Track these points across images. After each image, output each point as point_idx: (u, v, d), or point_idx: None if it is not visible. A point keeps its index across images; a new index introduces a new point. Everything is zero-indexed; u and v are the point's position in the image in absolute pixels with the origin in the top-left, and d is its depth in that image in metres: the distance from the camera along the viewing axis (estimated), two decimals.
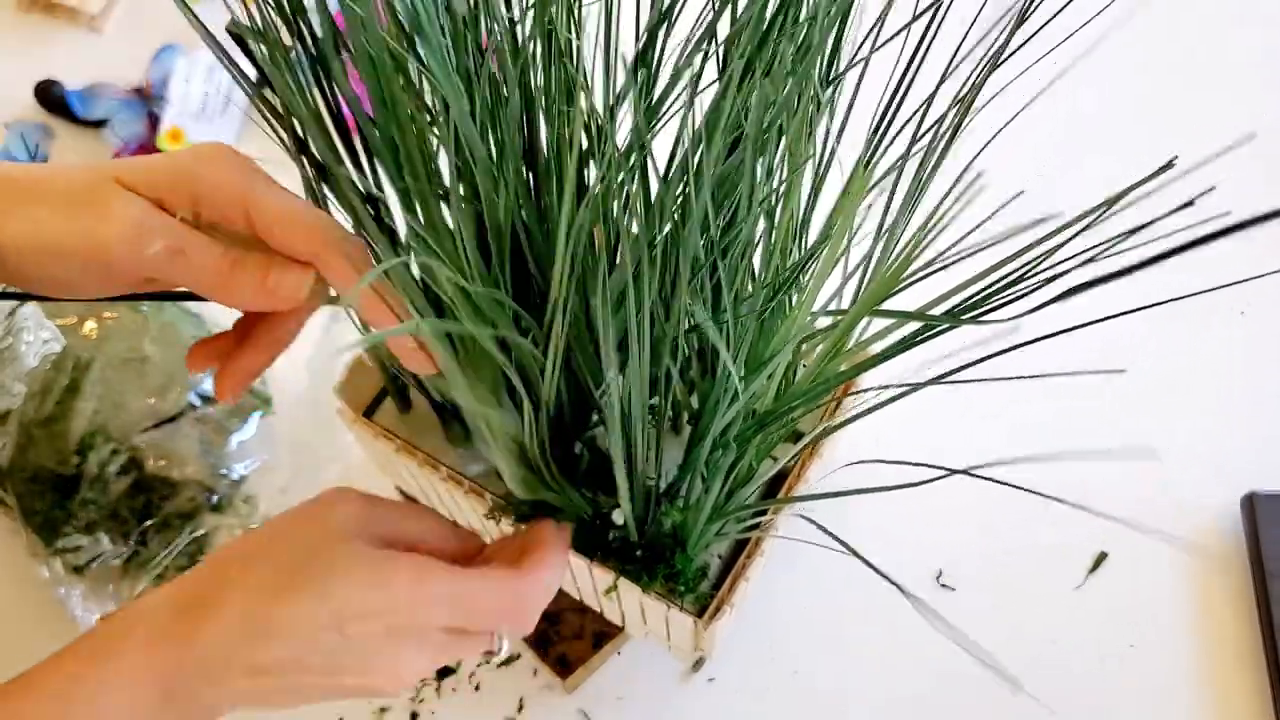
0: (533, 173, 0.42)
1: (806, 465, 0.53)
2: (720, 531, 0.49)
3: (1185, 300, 0.39)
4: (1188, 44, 0.89)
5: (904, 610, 0.65)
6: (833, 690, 0.64)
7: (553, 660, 0.63)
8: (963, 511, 0.68)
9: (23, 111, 0.91)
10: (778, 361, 0.40)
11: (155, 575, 0.67)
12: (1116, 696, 0.62)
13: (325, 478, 0.72)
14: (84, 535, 0.65)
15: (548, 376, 0.41)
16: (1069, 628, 0.64)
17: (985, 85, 0.36)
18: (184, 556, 0.68)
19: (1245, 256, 0.58)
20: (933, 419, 0.71)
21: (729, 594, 0.49)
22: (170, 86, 0.90)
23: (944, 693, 0.63)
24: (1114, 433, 0.70)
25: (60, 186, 0.38)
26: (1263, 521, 0.64)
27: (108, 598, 0.66)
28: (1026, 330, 0.36)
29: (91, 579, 0.66)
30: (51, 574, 0.66)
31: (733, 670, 0.64)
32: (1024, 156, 0.84)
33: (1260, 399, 0.70)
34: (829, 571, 0.67)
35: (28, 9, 0.99)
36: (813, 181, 0.43)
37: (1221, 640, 0.63)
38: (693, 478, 0.46)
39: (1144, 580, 0.65)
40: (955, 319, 0.35)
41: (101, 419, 0.66)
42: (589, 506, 0.48)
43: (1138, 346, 0.73)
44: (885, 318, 0.37)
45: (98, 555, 0.65)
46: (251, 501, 0.71)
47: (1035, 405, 0.71)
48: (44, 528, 0.66)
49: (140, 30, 0.97)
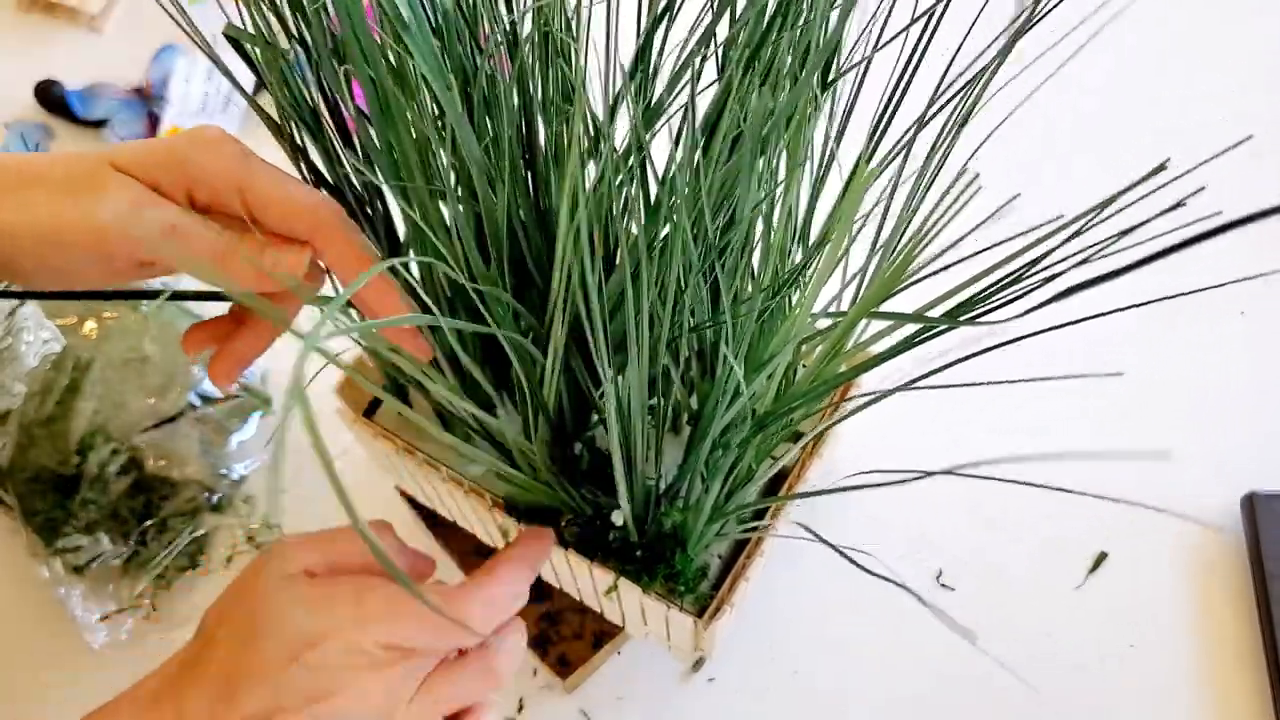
0: (531, 173, 0.42)
1: (807, 465, 0.53)
2: (720, 531, 0.49)
3: (1185, 300, 0.39)
4: (1183, 41, 0.89)
5: (904, 610, 0.66)
6: (833, 690, 0.64)
7: (553, 660, 0.63)
8: (963, 512, 0.68)
9: (23, 111, 0.91)
10: (778, 362, 0.40)
11: (155, 575, 0.67)
12: (1116, 696, 0.62)
13: (326, 484, 0.72)
14: (84, 535, 0.65)
15: (548, 376, 0.41)
16: (1069, 627, 0.64)
17: (984, 86, 0.36)
18: (184, 556, 0.68)
19: (1244, 257, 0.58)
20: (932, 420, 0.71)
21: (729, 594, 0.49)
22: (170, 86, 0.90)
23: (944, 693, 0.63)
24: (1114, 433, 0.70)
25: (57, 172, 0.38)
26: (1263, 521, 0.64)
27: (107, 597, 0.66)
28: (1026, 330, 0.36)
29: (91, 579, 0.66)
30: (51, 574, 0.66)
31: (733, 670, 0.64)
32: (1020, 159, 0.84)
33: (1260, 399, 0.70)
34: (829, 572, 0.67)
35: (28, 9, 0.99)
36: (812, 183, 0.43)
37: (1221, 640, 0.63)
38: (692, 478, 0.46)
39: (1144, 580, 0.65)
40: (953, 320, 0.35)
41: (102, 419, 0.66)
42: (588, 507, 0.48)
43: (1138, 347, 0.73)
44: (884, 319, 0.37)
45: (98, 555, 0.65)
46: (251, 502, 0.71)
47: (1035, 406, 0.71)
48: (44, 528, 0.66)
49: (140, 30, 0.97)
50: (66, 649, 0.67)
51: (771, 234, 0.39)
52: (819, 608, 0.66)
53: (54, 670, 0.68)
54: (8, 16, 0.99)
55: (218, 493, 0.69)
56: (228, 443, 0.70)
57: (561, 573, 0.54)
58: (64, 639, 0.67)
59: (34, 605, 0.69)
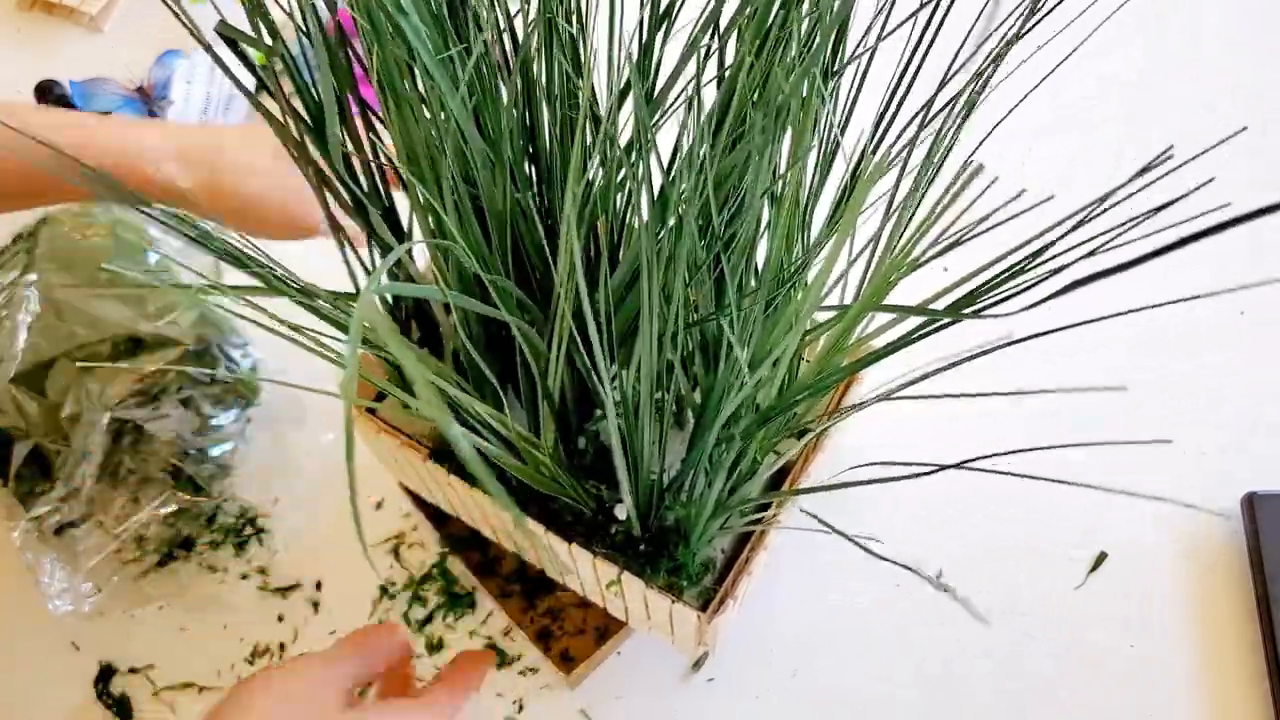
0: (535, 165, 0.43)
1: (810, 460, 0.53)
2: (724, 526, 0.49)
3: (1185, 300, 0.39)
4: (1192, 34, 0.89)
5: (903, 611, 0.66)
6: (833, 690, 0.63)
7: (555, 656, 0.63)
8: (963, 512, 0.68)
9: None
10: (782, 351, 0.40)
11: (115, 549, 0.67)
12: (1116, 696, 0.62)
13: (305, 471, 0.73)
14: (59, 504, 0.65)
15: (551, 368, 0.41)
16: (1069, 628, 0.64)
17: (989, 77, 0.36)
18: (153, 541, 0.68)
19: (1245, 257, 0.58)
20: (933, 418, 0.71)
21: (732, 588, 0.48)
22: (172, 87, 0.90)
23: (944, 692, 0.63)
24: (1114, 433, 0.70)
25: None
26: (1263, 521, 0.64)
27: (76, 567, 0.66)
28: (1027, 328, 0.36)
29: (58, 547, 0.66)
30: (22, 540, 0.66)
31: (732, 670, 0.64)
32: (1022, 151, 0.84)
33: (1260, 399, 0.71)
34: (829, 572, 0.67)
35: (28, 8, 0.99)
36: (815, 174, 0.43)
37: (1221, 640, 0.63)
38: (696, 472, 0.46)
39: (1144, 580, 0.65)
40: (956, 314, 0.35)
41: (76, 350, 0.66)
42: (591, 500, 0.48)
43: (1138, 347, 0.73)
44: (888, 312, 0.37)
45: (69, 523, 0.65)
46: (228, 490, 0.71)
47: (1035, 405, 0.71)
48: (27, 495, 0.66)
49: (140, 30, 0.97)
50: (27, 614, 0.68)
51: (779, 222, 0.39)
52: (819, 609, 0.66)
53: (18, 637, 0.68)
54: (8, 16, 0.99)
55: (194, 476, 0.68)
56: (208, 427, 0.70)
57: (565, 568, 0.54)
58: (28, 607, 0.68)
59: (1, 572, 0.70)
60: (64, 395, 0.66)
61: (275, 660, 0.67)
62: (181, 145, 0.56)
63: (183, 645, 0.67)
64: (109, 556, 0.67)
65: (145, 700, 0.66)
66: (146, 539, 0.68)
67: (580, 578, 0.54)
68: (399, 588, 0.68)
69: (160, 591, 0.69)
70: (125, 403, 0.66)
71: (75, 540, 0.66)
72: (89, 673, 0.67)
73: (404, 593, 0.68)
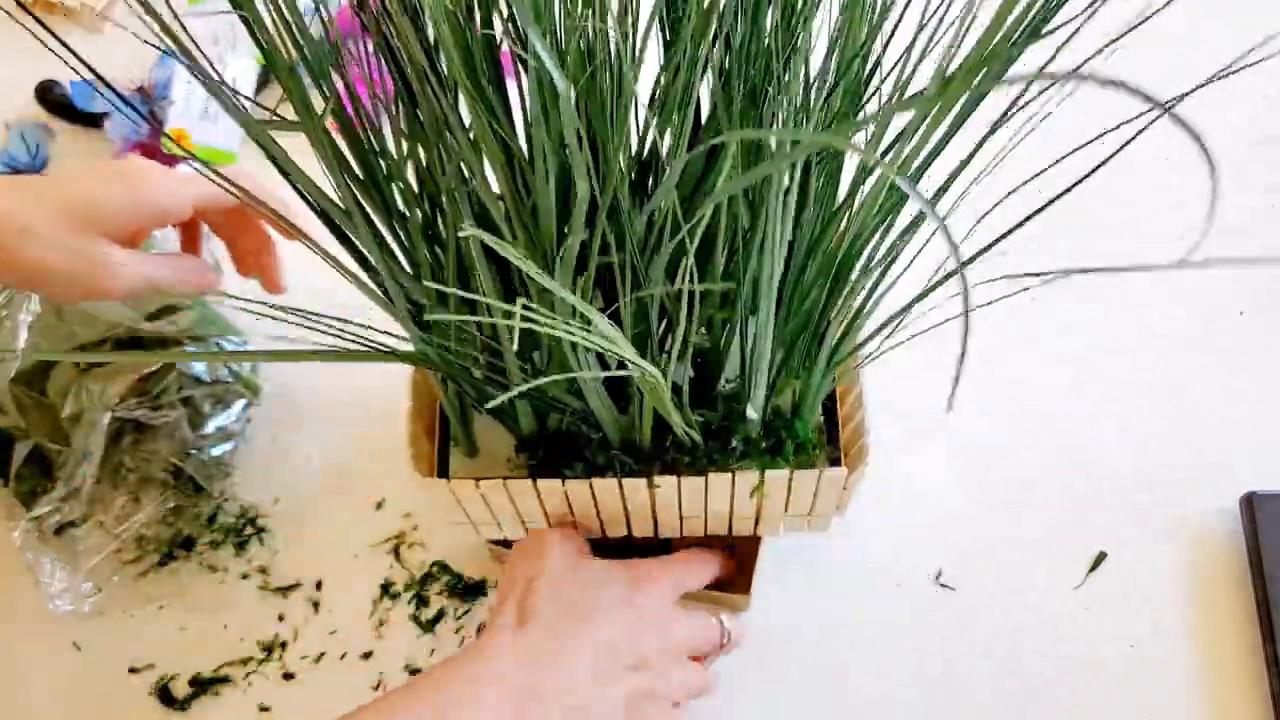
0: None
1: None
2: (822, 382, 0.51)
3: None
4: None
5: (903, 611, 0.66)
6: (832, 690, 0.64)
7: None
8: (963, 511, 0.68)
9: (23, 111, 0.91)
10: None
11: (115, 550, 0.67)
12: (1116, 696, 0.62)
13: (304, 470, 0.73)
14: (59, 504, 0.65)
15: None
16: (1069, 627, 0.64)
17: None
18: (165, 527, 0.68)
19: (1245, 256, 0.58)
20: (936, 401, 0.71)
21: (862, 425, 0.50)
22: (173, 88, 0.90)
23: (944, 692, 0.63)
24: (1114, 432, 0.70)
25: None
26: (1263, 521, 0.64)
27: (76, 567, 0.66)
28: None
29: (58, 547, 0.66)
30: (23, 540, 0.66)
31: (731, 670, 0.64)
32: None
33: (1260, 399, 0.70)
34: (830, 573, 0.67)
35: (28, 8, 0.99)
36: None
37: (1221, 640, 0.63)
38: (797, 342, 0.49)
39: (1144, 580, 0.65)
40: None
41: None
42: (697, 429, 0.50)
43: (1137, 346, 0.73)
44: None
45: (69, 523, 0.66)
46: (229, 490, 0.71)
47: (1035, 406, 0.71)
48: (28, 495, 0.67)
49: (140, 30, 0.97)
50: (27, 614, 0.68)
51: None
52: (818, 609, 0.66)
53: (18, 638, 0.68)
54: (7, 16, 0.99)
55: (194, 475, 0.68)
56: (207, 425, 0.70)
57: (688, 510, 0.55)
58: (28, 604, 0.68)
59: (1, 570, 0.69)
60: (64, 395, 0.66)
61: (275, 660, 0.67)
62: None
63: (183, 645, 0.67)
64: (109, 556, 0.67)
65: (145, 699, 0.66)
66: (147, 539, 0.68)
67: (708, 512, 0.55)
68: (400, 587, 0.68)
69: (160, 591, 0.69)
70: (126, 402, 0.66)
71: (75, 540, 0.66)
72: (89, 672, 0.67)
73: (405, 593, 0.68)
